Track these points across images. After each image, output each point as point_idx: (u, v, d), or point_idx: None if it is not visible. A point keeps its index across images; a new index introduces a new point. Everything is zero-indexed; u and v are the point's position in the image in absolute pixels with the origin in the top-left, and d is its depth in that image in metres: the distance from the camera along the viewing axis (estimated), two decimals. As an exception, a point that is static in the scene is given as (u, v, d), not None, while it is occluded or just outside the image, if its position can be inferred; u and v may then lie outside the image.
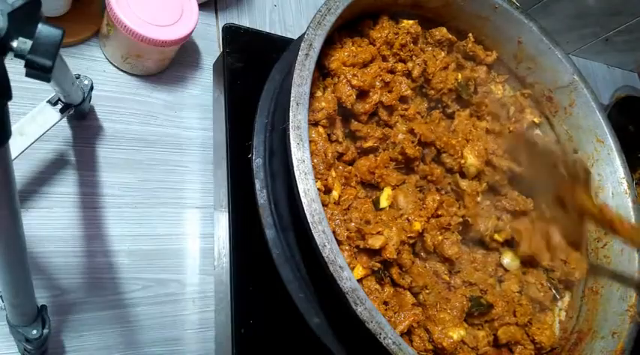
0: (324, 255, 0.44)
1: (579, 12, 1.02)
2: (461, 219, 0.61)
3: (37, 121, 0.53)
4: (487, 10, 0.68)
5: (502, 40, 0.71)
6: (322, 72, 0.59)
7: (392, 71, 0.63)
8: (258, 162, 0.56)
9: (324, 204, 0.52)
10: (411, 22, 0.65)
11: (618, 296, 0.62)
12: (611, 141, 0.67)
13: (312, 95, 0.57)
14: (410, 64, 0.64)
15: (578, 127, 0.71)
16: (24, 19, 0.24)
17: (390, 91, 0.62)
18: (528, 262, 0.66)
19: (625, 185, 0.66)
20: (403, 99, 0.63)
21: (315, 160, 0.54)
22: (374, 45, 0.63)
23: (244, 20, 0.80)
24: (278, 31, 0.82)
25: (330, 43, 0.60)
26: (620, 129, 0.70)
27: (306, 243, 0.45)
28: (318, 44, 0.51)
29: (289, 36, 0.77)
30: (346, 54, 0.59)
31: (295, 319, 0.52)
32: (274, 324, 0.55)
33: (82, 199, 0.59)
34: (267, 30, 0.80)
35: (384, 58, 0.63)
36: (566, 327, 0.65)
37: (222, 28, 0.66)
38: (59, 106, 0.55)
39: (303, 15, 0.86)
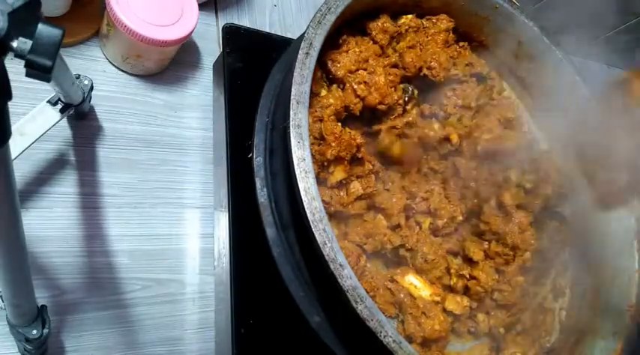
0: (324, 253, 0.44)
1: (579, 12, 1.02)
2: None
3: (37, 121, 0.53)
4: (487, 10, 0.68)
5: (502, 39, 0.71)
6: (328, 77, 0.60)
7: (395, 65, 0.63)
8: (258, 160, 0.56)
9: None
10: (410, 16, 0.65)
11: (618, 295, 0.62)
12: (610, 140, 0.67)
13: (316, 94, 0.57)
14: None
15: (577, 126, 0.71)
16: (24, 19, 0.24)
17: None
18: None
19: (625, 183, 0.66)
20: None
21: None
22: (375, 42, 0.63)
23: (244, 20, 0.80)
24: (278, 30, 0.82)
25: (335, 46, 0.60)
26: (619, 130, 0.70)
27: (306, 242, 0.46)
28: (318, 43, 0.51)
29: (289, 36, 0.77)
30: (353, 60, 0.59)
31: (296, 318, 0.52)
32: (274, 324, 0.55)
33: (82, 199, 0.59)
34: (267, 30, 0.80)
35: (384, 52, 0.63)
36: (566, 327, 0.65)
37: (222, 28, 0.66)
38: (59, 106, 0.54)
39: (303, 15, 0.86)
